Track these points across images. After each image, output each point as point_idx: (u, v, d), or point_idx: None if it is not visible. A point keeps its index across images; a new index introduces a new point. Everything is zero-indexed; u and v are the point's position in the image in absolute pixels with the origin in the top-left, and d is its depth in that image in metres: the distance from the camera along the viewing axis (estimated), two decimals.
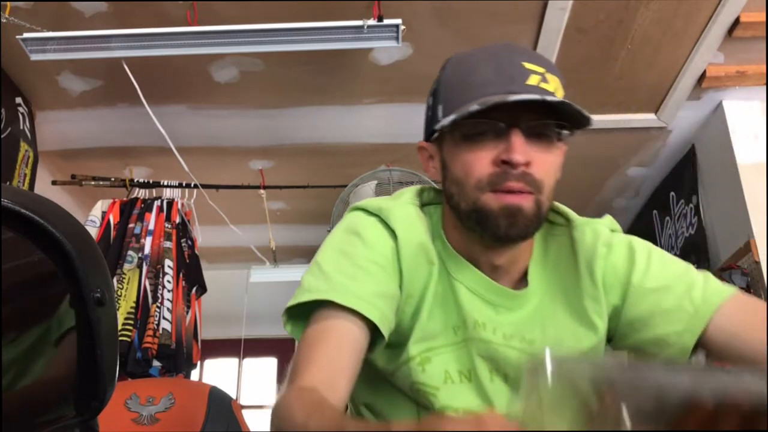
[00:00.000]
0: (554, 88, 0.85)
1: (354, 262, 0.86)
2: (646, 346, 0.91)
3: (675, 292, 0.89)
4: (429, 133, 0.93)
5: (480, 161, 0.84)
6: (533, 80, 0.83)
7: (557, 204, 0.98)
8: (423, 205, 0.98)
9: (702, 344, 0.87)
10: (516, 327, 0.92)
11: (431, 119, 0.92)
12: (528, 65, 0.84)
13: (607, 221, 0.99)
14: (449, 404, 0.90)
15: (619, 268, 0.93)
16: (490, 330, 0.91)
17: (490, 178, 0.83)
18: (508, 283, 0.93)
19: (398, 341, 0.91)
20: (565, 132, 0.88)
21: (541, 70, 0.85)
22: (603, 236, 0.95)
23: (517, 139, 0.82)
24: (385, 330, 0.84)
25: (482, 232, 0.86)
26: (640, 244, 0.95)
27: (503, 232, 0.84)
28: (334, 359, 0.80)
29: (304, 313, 0.86)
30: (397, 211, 0.92)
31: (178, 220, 3.03)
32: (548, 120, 0.84)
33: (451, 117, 0.83)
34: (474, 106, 0.80)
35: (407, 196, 0.97)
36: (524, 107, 0.81)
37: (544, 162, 0.85)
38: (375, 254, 0.87)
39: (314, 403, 0.72)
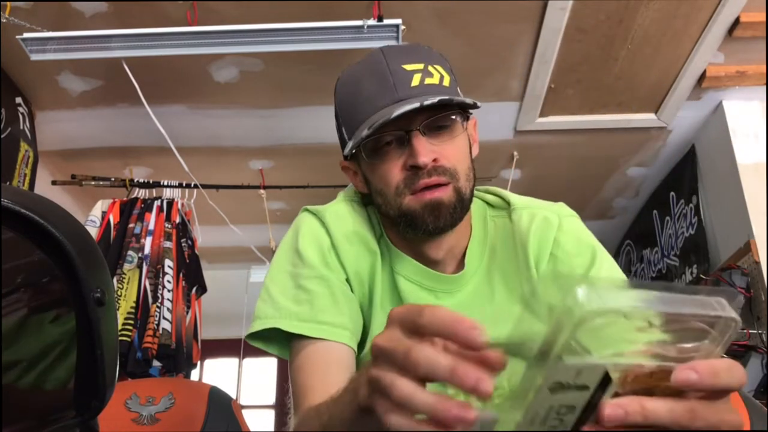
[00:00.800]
0: (438, 79, 0.89)
1: (297, 283, 0.92)
2: None
3: None
4: (344, 153, 0.98)
5: (392, 170, 0.89)
6: (416, 80, 0.88)
7: (498, 189, 1.04)
8: (367, 203, 1.03)
9: None
10: (456, 309, 0.94)
11: (341, 140, 0.97)
12: (408, 66, 0.89)
13: (557, 207, 1.01)
14: None
15: (575, 265, 0.94)
16: None
17: (405, 182, 0.88)
18: (450, 269, 0.98)
19: (365, 332, 0.96)
20: (461, 116, 0.91)
21: (420, 66, 0.89)
22: (542, 218, 0.96)
23: (418, 142, 0.86)
24: (341, 338, 0.89)
25: (413, 232, 0.91)
26: (606, 256, 0.97)
27: (431, 227, 0.89)
28: (326, 379, 0.84)
29: (274, 333, 0.92)
30: (330, 209, 0.99)
31: (178, 220, 3.03)
32: (440, 113, 0.88)
33: (350, 144, 0.90)
34: (365, 131, 0.85)
35: (342, 195, 1.04)
36: (417, 108, 0.84)
37: (451, 151, 0.89)
38: (314, 270, 0.93)
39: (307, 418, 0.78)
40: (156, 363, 2.72)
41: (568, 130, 3.14)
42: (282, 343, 0.93)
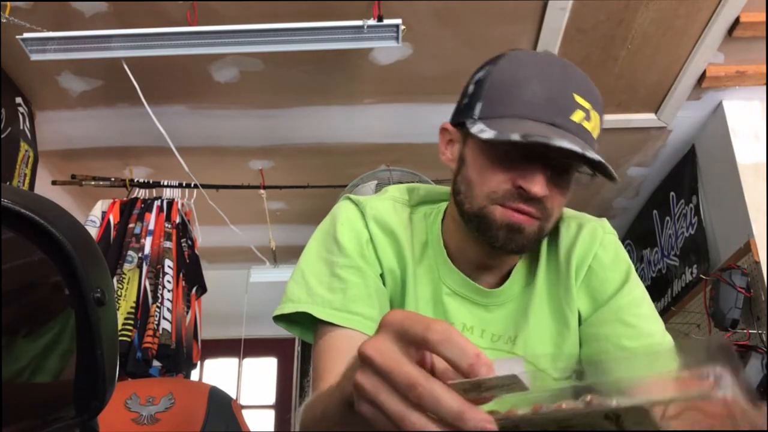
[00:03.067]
0: (593, 127, 0.85)
1: (332, 271, 0.91)
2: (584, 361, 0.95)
3: (642, 338, 0.90)
4: (457, 120, 0.91)
5: (498, 175, 0.84)
6: (578, 116, 0.82)
7: None
8: (417, 204, 1.00)
9: None
10: (503, 324, 0.95)
11: (466, 107, 0.89)
12: (578, 99, 0.83)
13: (601, 222, 1.02)
14: None
15: (610, 281, 0.95)
16: (478, 333, 0.94)
17: (504, 193, 0.84)
18: (494, 280, 0.96)
19: None
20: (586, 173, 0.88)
21: (588, 105, 0.84)
22: (589, 230, 0.97)
23: (541, 174, 0.83)
24: (370, 330, 0.88)
25: (480, 237, 0.87)
26: (638, 280, 0.97)
27: (500, 245, 0.86)
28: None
29: (298, 315, 0.91)
30: (371, 203, 0.97)
31: (178, 220, 3.03)
32: (576, 162, 0.84)
33: (489, 134, 0.81)
34: (515, 136, 0.79)
35: (389, 193, 1.01)
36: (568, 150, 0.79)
37: (559, 197, 0.87)
38: (350, 259, 0.92)
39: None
40: (156, 363, 2.72)
41: None
42: (306, 326, 0.93)
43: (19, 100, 2.79)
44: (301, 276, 0.93)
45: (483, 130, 0.83)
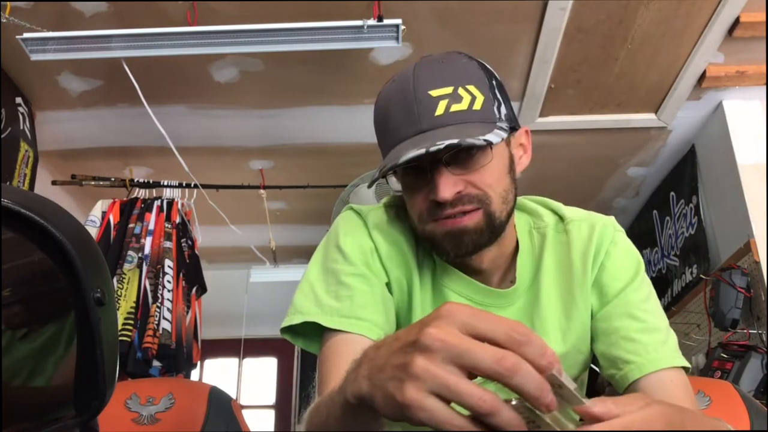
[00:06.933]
0: (468, 103, 0.84)
1: (338, 279, 0.92)
2: (598, 356, 0.95)
3: (650, 333, 0.91)
4: None
5: (416, 198, 0.89)
6: (441, 108, 0.84)
7: (548, 200, 1.02)
8: None
9: (633, 386, 0.88)
10: None
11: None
12: (435, 92, 0.85)
13: (610, 220, 1.01)
14: None
15: (620, 277, 0.95)
16: None
17: (428, 212, 0.87)
18: (498, 281, 0.97)
19: None
20: (497, 136, 0.84)
21: (448, 90, 0.85)
22: (600, 228, 0.97)
23: (440, 177, 0.84)
24: (375, 335, 0.88)
25: (437, 254, 0.93)
26: (647, 277, 0.98)
27: (453, 254, 0.88)
28: None
29: (303, 326, 0.92)
30: (374, 212, 0.99)
31: (178, 220, 3.03)
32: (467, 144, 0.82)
33: (375, 174, 0.89)
34: (380, 171, 0.86)
35: (387, 200, 1.03)
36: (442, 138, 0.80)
37: (481, 177, 0.86)
38: (355, 267, 0.93)
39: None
40: (156, 363, 2.72)
41: (568, 130, 3.14)
42: (310, 337, 0.94)
43: (19, 100, 2.79)
44: (308, 287, 0.94)
45: (374, 175, 0.90)
